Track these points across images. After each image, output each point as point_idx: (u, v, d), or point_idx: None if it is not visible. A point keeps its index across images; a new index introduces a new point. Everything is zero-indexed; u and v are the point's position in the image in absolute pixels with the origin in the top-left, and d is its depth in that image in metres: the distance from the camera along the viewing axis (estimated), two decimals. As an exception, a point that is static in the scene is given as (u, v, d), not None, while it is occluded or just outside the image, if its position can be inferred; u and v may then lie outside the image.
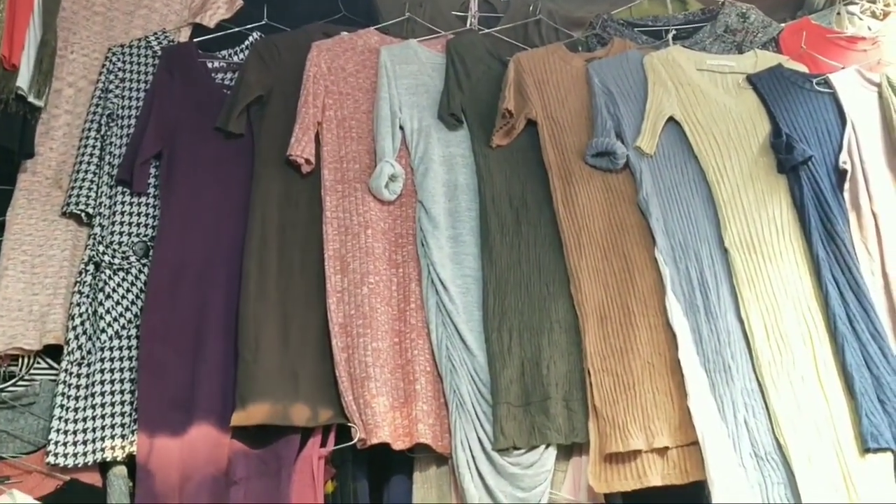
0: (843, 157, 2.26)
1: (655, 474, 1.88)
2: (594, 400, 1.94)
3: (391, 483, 1.99)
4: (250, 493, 1.84)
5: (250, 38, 2.48)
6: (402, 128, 2.26)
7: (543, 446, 1.91)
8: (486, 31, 2.56)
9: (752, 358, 1.99)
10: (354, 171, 2.19)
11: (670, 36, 2.55)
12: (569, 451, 1.96)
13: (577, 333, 2.03)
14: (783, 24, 2.64)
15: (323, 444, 1.91)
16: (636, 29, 2.67)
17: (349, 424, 1.91)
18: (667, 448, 1.90)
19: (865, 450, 1.87)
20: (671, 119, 2.30)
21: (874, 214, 2.19)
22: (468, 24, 2.52)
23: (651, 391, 1.95)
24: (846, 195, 2.23)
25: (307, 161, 2.17)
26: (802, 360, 1.98)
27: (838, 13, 2.66)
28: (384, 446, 1.89)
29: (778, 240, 2.14)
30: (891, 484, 1.88)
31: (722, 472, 1.82)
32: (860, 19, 2.65)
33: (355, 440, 1.88)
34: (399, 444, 1.90)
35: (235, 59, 2.43)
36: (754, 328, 2.01)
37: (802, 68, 2.46)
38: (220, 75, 2.40)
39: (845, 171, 2.24)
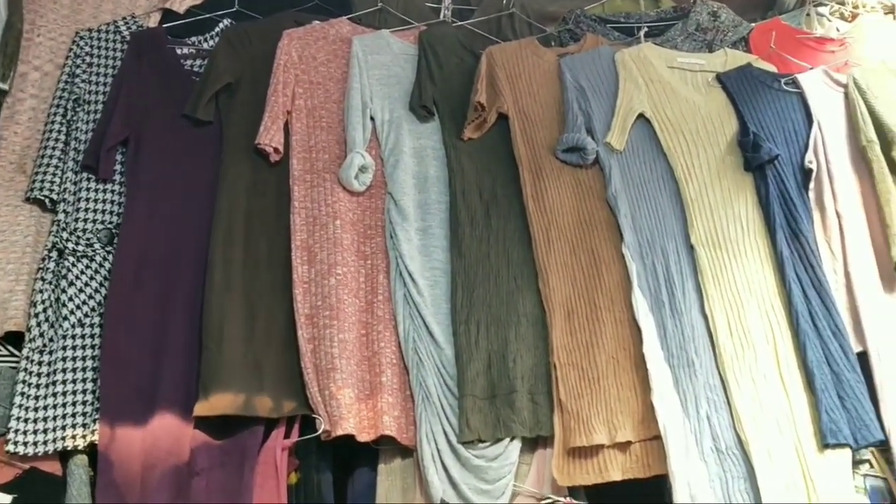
0: (809, 156, 2.29)
1: (617, 469, 1.90)
2: (559, 394, 1.95)
3: (355, 475, 1.98)
4: (212, 483, 1.82)
5: (221, 25, 2.45)
6: (372, 118, 2.24)
7: (508, 439, 1.92)
8: (460, 23, 2.55)
9: (715, 354, 2.01)
10: (324, 161, 2.17)
11: (642, 33, 2.56)
12: (534, 444, 1.98)
13: (544, 327, 2.04)
14: (753, 24, 2.67)
15: (287, 436, 1.91)
16: (608, 25, 2.68)
17: (314, 416, 1.90)
18: (630, 442, 1.92)
19: (824, 445, 1.90)
20: (641, 116, 2.31)
21: (838, 214, 2.22)
22: (441, 16, 2.52)
23: (615, 386, 1.97)
24: (811, 194, 2.26)
25: (276, 150, 2.15)
26: (764, 356, 2.01)
27: (808, 14, 2.69)
28: (349, 438, 1.88)
29: (743, 237, 2.16)
30: (848, 479, 1.91)
31: (683, 466, 1.85)
32: (829, 21, 2.67)
33: (319, 431, 1.88)
34: (364, 436, 1.90)
35: (205, 45, 2.40)
36: (718, 324, 2.03)
37: (771, 68, 2.48)
38: (189, 62, 2.37)
39: (811, 171, 2.27)
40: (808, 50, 2.62)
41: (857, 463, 1.97)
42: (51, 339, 2.00)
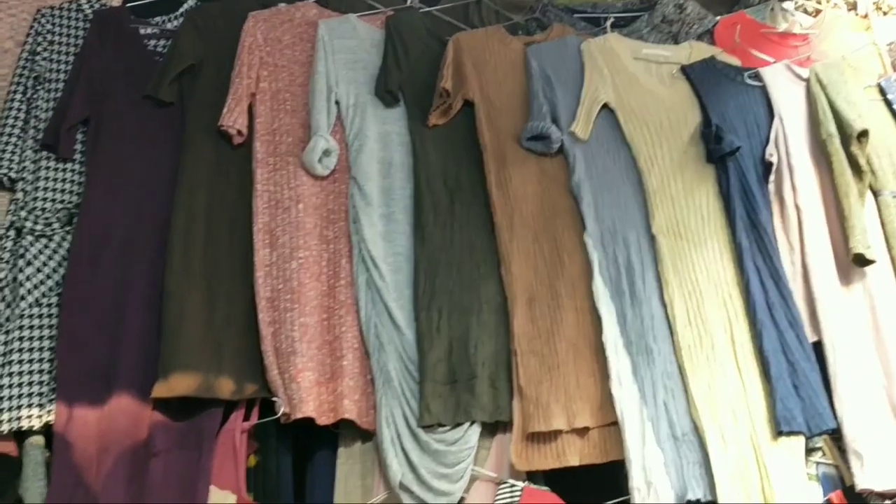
0: (770, 149, 2.31)
1: (574, 454, 1.92)
2: (519, 380, 1.96)
3: (315, 458, 1.99)
4: (170, 465, 1.82)
5: (185, 6, 2.42)
6: (337, 103, 2.23)
7: (468, 424, 1.93)
8: (427, 9, 2.54)
9: (673, 342, 2.03)
10: (287, 145, 2.16)
11: (609, 24, 2.56)
12: (493, 429, 1.99)
13: (505, 314, 2.05)
14: (719, 17, 2.69)
15: (246, 418, 1.91)
16: (576, 15, 2.68)
17: (273, 399, 1.90)
18: (588, 429, 1.93)
19: (779, 432, 1.93)
20: (606, 106, 2.32)
21: (797, 207, 2.25)
22: (409, 2, 2.50)
23: (574, 373, 1.98)
24: (771, 187, 2.28)
25: (239, 132, 2.14)
26: (721, 344, 2.03)
27: (772, 9, 2.72)
28: (308, 421, 1.89)
29: (703, 227, 2.18)
30: (801, 466, 1.94)
31: (640, 451, 1.88)
32: (793, 16, 2.71)
33: (279, 414, 1.88)
34: (324, 420, 1.90)
35: (169, 26, 2.38)
36: (676, 312, 2.05)
37: (735, 61, 2.51)
38: (152, 42, 2.34)
39: (771, 164, 2.29)
40: (772, 44, 2.65)
41: (809, 451, 2.00)
42: (7, 319, 1.98)
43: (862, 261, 2.12)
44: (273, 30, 2.29)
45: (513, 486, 1.91)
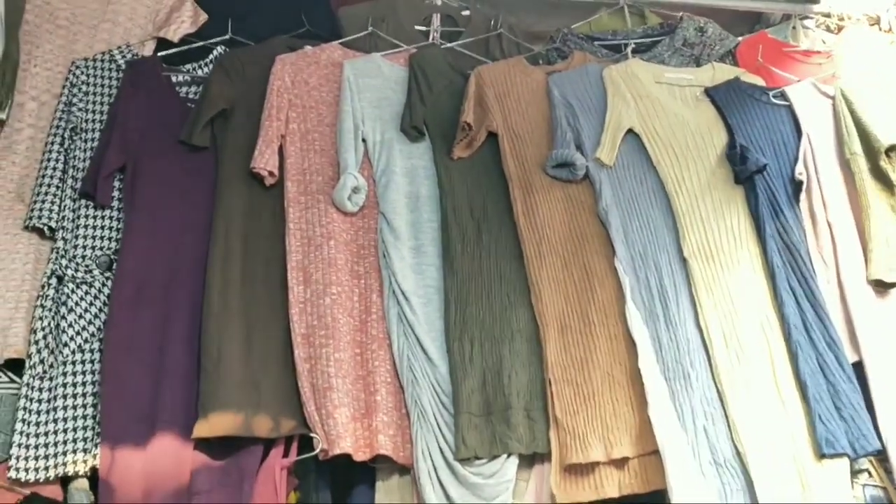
0: (799, 168, 2.31)
1: (613, 486, 1.90)
2: (555, 410, 1.96)
3: (354, 493, 2.00)
4: (212, 504, 1.84)
5: (214, 52, 2.49)
6: (364, 140, 2.27)
7: (505, 456, 1.92)
8: (448, 45, 2.58)
9: (710, 366, 2.02)
10: (317, 184, 2.20)
11: (629, 49, 2.58)
12: (532, 460, 1.98)
13: (538, 343, 2.05)
14: (740, 38, 2.70)
15: (285, 455, 1.92)
16: (596, 42, 2.71)
17: (311, 435, 1.91)
18: (627, 458, 1.92)
19: (821, 455, 1.90)
20: (630, 131, 2.33)
21: (829, 224, 2.24)
22: (430, 39, 2.55)
23: (611, 402, 1.97)
24: (802, 205, 2.27)
25: (270, 173, 2.18)
26: (760, 367, 2.01)
27: (794, 27, 2.72)
28: (346, 457, 1.90)
29: (735, 249, 2.17)
30: (847, 489, 1.91)
31: (682, 479, 1.85)
32: (815, 33, 2.71)
33: (317, 451, 1.89)
34: (360, 456, 1.91)
35: (200, 72, 2.44)
36: (713, 336, 2.04)
37: (759, 81, 2.51)
38: (184, 89, 2.41)
39: (801, 182, 2.29)
40: (795, 62, 2.65)
41: (855, 473, 1.97)
42: (51, 366, 2.02)
43: (884, 285, 2.10)
44: (300, 72, 2.34)
45: (553, 517, 1.90)
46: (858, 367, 2.06)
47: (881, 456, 1.97)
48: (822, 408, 1.95)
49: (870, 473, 2.00)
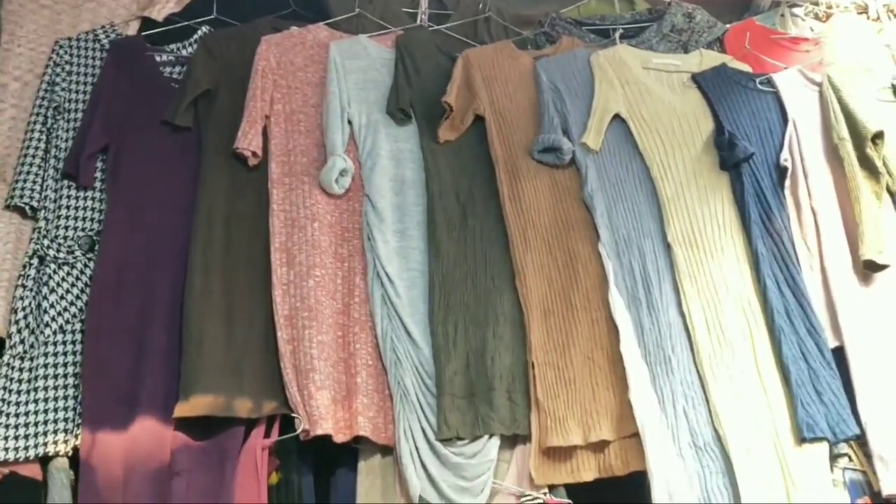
0: (784, 154, 2.31)
1: (590, 469, 1.92)
2: (536, 393, 1.96)
3: (336, 475, 2.00)
4: (193, 484, 1.83)
5: (199, 32, 2.47)
6: (350, 122, 2.26)
7: (486, 437, 1.93)
8: (436, 27, 2.57)
9: (692, 351, 2.02)
10: (302, 165, 2.19)
11: (617, 35, 2.58)
12: (513, 441, 1.99)
13: (521, 327, 2.06)
14: (728, 25, 2.69)
15: (267, 436, 1.91)
16: (584, 28, 2.70)
17: (293, 416, 1.91)
18: (606, 442, 1.93)
19: (802, 440, 1.91)
20: (617, 116, 2.33)
21: (814, 211, 2.24)
22: (418, 21, 2.54)
23: (590, 386, 1.98)
24: (787, 192, 2.28)
25: (254, 154, 2.17)
26: (742, 353, 2.02)
27: (782, 15, 2.72)
28: (328, 438, 1.90)
29: (719, 235, 2.18)
30: (826, 472, 1.93)
31: (661, 462, 1.86)
32: (803, 21, 2.71)
33: (299, 431, 1.89)
34: (340, 437, 1.91)
35: (184, 52, 2.42)
36: (695, 322, 2.05)
37: (746, 68, 2.51)
38: (168, 69, 2.39)
39: (786, 169, 2.29)
40: (783, 50, 2.65)
41: (835, 457, 1.98)
42: (31, 346, 2.01)
43: (874, 266, 2.10)
44: (285, 53, 2.33)
45: (534, 498, 1.91)
46: (838, 353, 2.06)
47: (860, 440, 1.98)
48: (803, 392, 1.96)
49: (849, 458, 2.00)
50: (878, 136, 2.27)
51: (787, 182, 2.28)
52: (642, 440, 1.88)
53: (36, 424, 1.92)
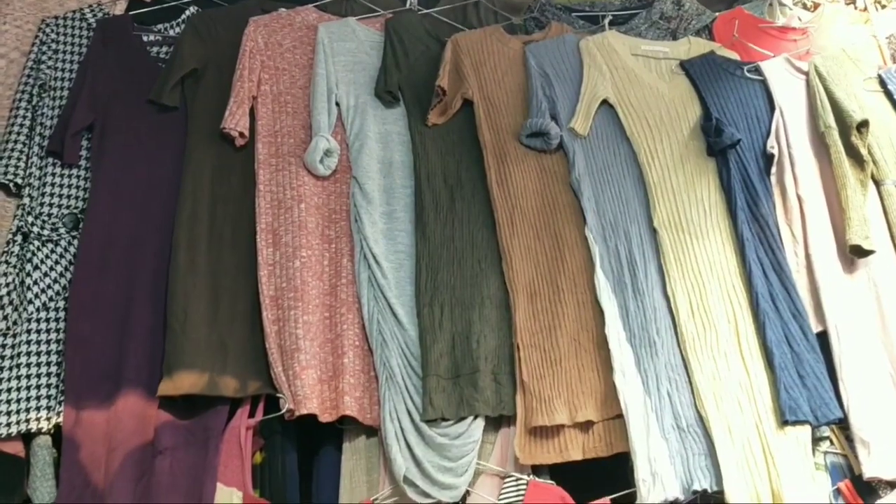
0: (771, 142, 2.32)
1: (577, 449, 1.92)
2: (522, 374, 1.97)
3: (320, 454, 2.00)
4: (176, 462, 1.83)
5: (187, 12, 2.46)
6: (337, 104, 2.26)
7: (471, 418, 1.93)
8: (426, 11, 2.57)
9: (676, 334, 2.03)
10: (289, 146, 2.18)
11: (606, 21, 2.58)
12: (498, 423, 1.99)
13: (507, 309, 2.06)
14: (717, 13, 2.70)
15: (251, 415, 1.92)
16: (573, 14, 2.70)
17: (278, 395, 1.91)
18: (591, 423, 1.94)
19: (784, 422, 1.92)
20: (605, 102, 2.33)
21: (799, 198, 2.25)
22: (407, 4, 2.53)
23: (576, 367, 1.99)
24: (773, 179, 2.29)
25: (241, 134, 2.17)
26: (726, 336, 2.03)
27: (770, 4, 2.73)
28: (313, 418, 1.90)
29: (705, 220, 2.19)
30: (808, 455, 1.94)
31: (645, 443, 1.88)
32: (791, 10, 2.71)
33: (283, 411, 1.89)
34: (326, 417, 1.91)
35: (171, 32, 2.42)
36: (679, 305, 2.06)
37: (734, 56, 2.52)
38: (155, 48, 2.38)
39: (772, 156, 2.30)
40: (771, 38, 2.66)
41: (817, 440, 1.99)
42: (14, 323, 2.00)
43: (860, 252, 2.12)
44: (274, 34, 2.32)
45: (518, 479, 1.91)
46: (821, 338, 2.08)
47: (842, 424, 1.99)
48: (786, 376, 1.97)
49: (831, 441, 2.02)
50: (862, 125, 2.28)
51: (773, 169, 2.29)
52: (626, 422, 1.89)
53: (19, 401, 1.92)
